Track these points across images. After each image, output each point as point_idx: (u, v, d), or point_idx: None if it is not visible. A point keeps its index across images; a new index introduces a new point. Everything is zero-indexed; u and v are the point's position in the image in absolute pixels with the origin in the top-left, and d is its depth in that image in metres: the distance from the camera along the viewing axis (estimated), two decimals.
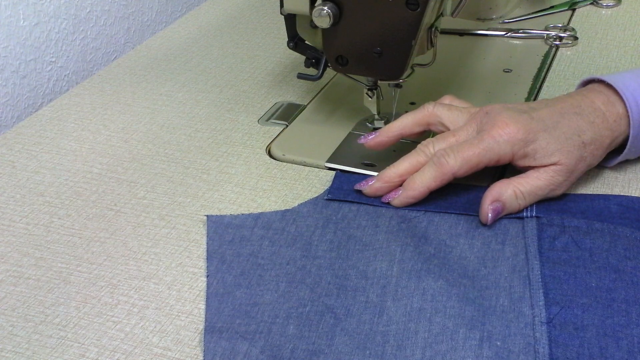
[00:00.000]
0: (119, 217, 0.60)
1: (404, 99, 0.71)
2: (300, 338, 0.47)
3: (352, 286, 0.50)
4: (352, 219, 0.56)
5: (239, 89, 0.78)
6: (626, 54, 0.79)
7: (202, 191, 0.62)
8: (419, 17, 0.58)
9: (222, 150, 0.68)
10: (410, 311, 0.48)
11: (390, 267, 0.51)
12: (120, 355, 0.47)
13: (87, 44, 0.91)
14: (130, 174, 0.65)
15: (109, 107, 0.76)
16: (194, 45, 0.89)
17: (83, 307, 0.51)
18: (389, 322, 0.47)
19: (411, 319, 0.47)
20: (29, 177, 0.66)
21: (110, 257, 0.56)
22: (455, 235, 0.54)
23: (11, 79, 0.81)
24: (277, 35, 0.89)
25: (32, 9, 0.82)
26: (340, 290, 0.50)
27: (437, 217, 0.56)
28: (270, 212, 0.58)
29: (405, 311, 0.48)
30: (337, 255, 0.53)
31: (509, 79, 0.76)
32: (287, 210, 0.58)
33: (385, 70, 0.62)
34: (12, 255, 0.57)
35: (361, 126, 0.69)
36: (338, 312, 0.48)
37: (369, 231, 0.55)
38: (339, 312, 0.48)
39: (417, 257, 0.52)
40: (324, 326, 0.47)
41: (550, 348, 0.45)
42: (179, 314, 0.50)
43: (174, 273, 0.54)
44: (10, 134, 0.73)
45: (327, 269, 0.52)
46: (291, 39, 0.65)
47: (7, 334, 0.50)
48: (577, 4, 0.90)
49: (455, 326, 0.46)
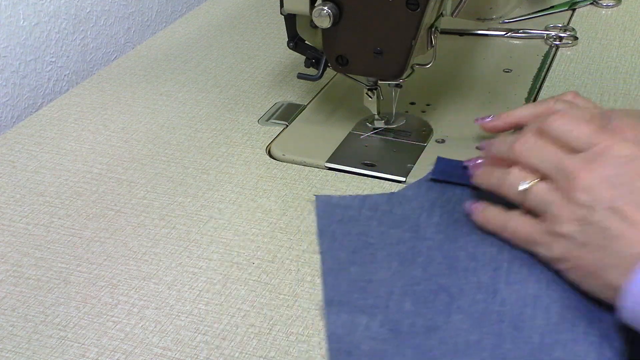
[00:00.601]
0: (119, 217, 0.60)
1: (404, 99, 0.71)
2: (417, 314, 0.47)
3: (462, 267, 0.50)
4: (457, 202, 0.56)
5: (239, 89, 0.78)
6: (626, 54, 0.79)
7: (202, 191, 0.62)
8: (419, 17, 0.58)
9: (222, 150, 0.68)
10: (525, 297, 0.47)
11: (501, 252, 0.50)
12: (120, 355, 0.47)
13: (87, 44, 0.91)
14: (130, 174, 0.65)
15: (109, 107, 0.76)
16: (194, 45, 0.89)
17: (83, 307, 0.51)
18: (503, 303, 0.47)
19: (527, 304, 0.46)
20: (29, 177, 0.66)
21: (110, 257, 0.56)
22: None
23: (11, 79, 0.81)
24: (277, 35, 0.89)
25: (32, 9, 0.82)
26: (452, 271, 0.50)
27: None
28: (376, 195, 0.59)
29: (519, 296, 0.47)
30: (445, 237, 0.53)
31: (509, 79, 0.76)
32: (393, 194, 0.58)
33: (385, 70, 0.62)
34: (12, 255, 0.57)
35: (361, 126, 0.69)
36: (452, 290, 0.48)
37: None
38: (452, 291, 0.48)
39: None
40: (439, 304, 0.48)
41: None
42: (179, 314, 0.50)
43: (174, 273, 0.54)
44: (10, 134, 0.73)
45: (436, 249, 0.52)
46: (291, 39, 0.65)
47: (7, 334, 0.50)
48: (577, 4, 0.90)
49: (574, 318, 0.45)
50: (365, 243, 0.54)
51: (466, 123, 0.68)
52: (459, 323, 0.46)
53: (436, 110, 0.71)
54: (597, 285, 0.45)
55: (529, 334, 0.45)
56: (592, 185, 0.45)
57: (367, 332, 0.46)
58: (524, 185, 0.49)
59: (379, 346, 0.45)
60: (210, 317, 0.50)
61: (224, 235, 0.57)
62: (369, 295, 0.49)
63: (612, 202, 0.44)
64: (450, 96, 0.73)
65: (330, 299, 0.49)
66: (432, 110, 0.71)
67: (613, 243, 0.43)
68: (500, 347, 0.44)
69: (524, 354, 0.44)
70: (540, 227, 0.47)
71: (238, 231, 0.57)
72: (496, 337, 0.45)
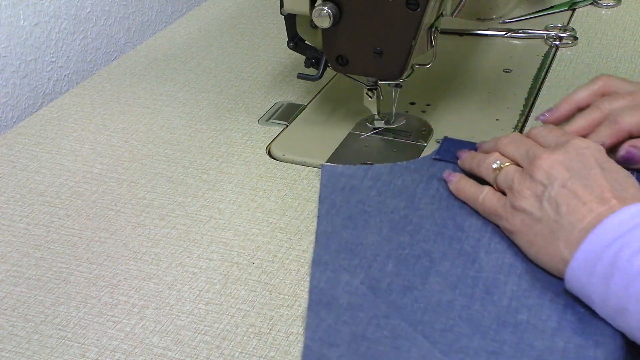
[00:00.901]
0: (119, 217, 0.60)
1: (404, 99, 0.71)
2: (397, 275, 0.51)
3: (449, 235, 0.54)
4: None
5: (239, 89, 0.78)
6: (626, 54, 0.79)
7: (202, 191, 0.62)
8: (419, 17, 0.58)
9: (222, 150, 0.68)
10: (501, 264, 0.51)
11: (485, 225, 0.54)
12: (120, 355, 0.47)
13: (87, 44, 0.91)
14: (130, 174, 0.65)
15: (109, 107, 0.76)
16: (194, 45, 0.89)
17: (83, 307, 0.51)
18: (480, 270, 0.51)
19: (502, 271, 0.50)
20: (29, 177, 0.66)
21: (110, 257, 0.56)
22: None
23: (11, 79, 0.81)
24: (277, 35, 0.89)
25: (32, 9, 0.82)
26: (438, 237, 0.54)
27: None
28: (379, 165, 0.61)
29: (497, 264, 0.51)
30: (438, 207, 0.57)
31: (509, 79, 0.76)
32: (396, 164, 0.61)
33: (385, 70, 0.62)
34: (12, 255, 0.57)
35: (361, 126, 0.69)
36: (434, 256, 0.52)
37: None
38: (434, 256, 0.52)
39: None
40: (419, 267, 0.51)
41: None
42: (179, 314, 0.50)
43: (174, 273, 0.54)
44: (11, 134, 0.73)
45: (427, 218, 0.56)
46: (291, 39, 0.65)
47: (7, 334, 0.50)
48: (577, 4, 0.90)
49: (543, 288, 0.48)
50: (362, 210, 0.57)
51: (466, 123, 0.68)
52: (435, 285, 0.50)
53: (436, 110, 0.71)
54: (548, 257, 0.49)
55: (499, 298, 0.48)
56: (551, 166, 0.50)
57: (347, 287, 0.50)
58: (496, 164, 0.55)
59: (356, 300, 0.49)
60: (210, 317, 0.50)
61: (224, 235, 0.57)
62: (355, 257, 0.53)
63: (565, 181, 0.49)
64: (450, 96, 0.73)
65: (319, 258, 0.53)
66: (432, 110, 0.71)
67: (564, 218, 0.48)
68: (470, 309, 0.48)
69: (491, 315, 0.47)
70: (504, 202, 0.53)
71: (238, 231, 0.57)
72: (467, 299, 0.48)
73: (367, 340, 0.46)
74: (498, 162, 0.55)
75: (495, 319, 0.47)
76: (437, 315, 0.47)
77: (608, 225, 0.46)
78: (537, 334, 0.46)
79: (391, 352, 0.45)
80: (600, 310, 0.45)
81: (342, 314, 0.48)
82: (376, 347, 0.46)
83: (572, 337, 0.45)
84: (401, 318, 0.48)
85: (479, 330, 0.46)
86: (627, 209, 0.46)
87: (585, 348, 0.44)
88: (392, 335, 0.46)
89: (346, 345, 0.46)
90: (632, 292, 0.43)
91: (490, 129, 0.67)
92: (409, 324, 0.47)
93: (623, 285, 0.43)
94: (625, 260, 0.43)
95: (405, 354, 0.45)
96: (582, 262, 0.45)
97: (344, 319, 0.48)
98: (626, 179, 0.50)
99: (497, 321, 0.47)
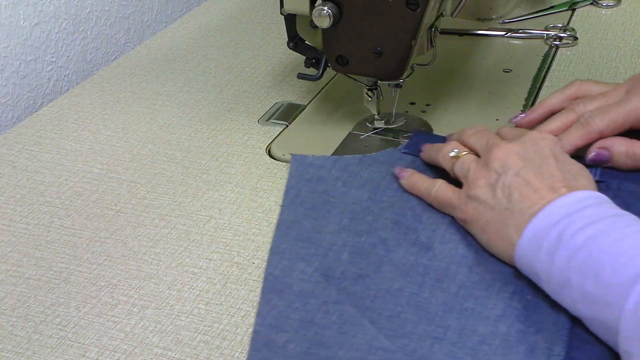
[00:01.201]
0: (119, 217, 0.60)
1: (404, 99, 0.71)
2: (351, 263, 0.52)
3: (406, 224, 0.55)
4: (422, 171, 0.59)
5: (239, 89, 0.78)
6: (626, 54, 0.79)
7: (202, 191, 0.62)
8: (419, 17, 0.58)
9: (222, 150, 0.68)
10: (454, 255, 0.52)
11: (443, 217, 0.55)
12: (120, 355, 0.47)
13: (87, 44, 0.91)
14: (130, 174, 0.65)
15: (109, 107, 0.76)
16: (194, 45, 0.89)
17: (83, 307, 0.51)
18: (433, 259, 0.52)
19: (453, 261, 0.51)
20: (29, 177, 0.66)
21: (110, 257, 0.56)
22: None
23: (11, 79, 0.81)
24: (277, 35, 0.89)
25: (32, 9, 0.82)
26: (395, 226, 0.55)
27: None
28: (349, 156, 0.62)
29: (450, 254, 0.52)
30: (400, 199, 0.57)
31: (509, 79, 0.76)
32: (365, 156, 0.62)
33: (385, 70, 0.62)
34: (12, 255, 0.57)
35: (361, 126, 0.69)
36: (389, 244, 0.53)
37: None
38: (389, 245, 0.53)
39: None
40: (374, 256, 0.52)
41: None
42: (179, 314, 0.50)
43: (174, 273, 0.54)
44: (11, 134, 0.73)
45: (387, 208, 0.56)
46: (291, 39, 0.65)
47: (7, 334, 0.50)
48: (577, 4, 0.90)
49: (492, 279, 0.50)
50: (325, 201, 0.58)
51: (466, 123, 0.68)
52: (387, 273, 0.51)
53: (436, 110, 0.71)
54: (500, 243, 0.50)
55: (448, 286, 0.50)
56: (506, 155, 0.52)
57: (301, 275, 0.51)
58: (453, 152, 0.56)
59: (308, 287, 0.50)
60: (210, 317, 0.50)
61: (224, 235, 0.57)
62: (313, 245, 0.54)
63: (519, 170, 0.50)
64: (450, 96, 0.73)
65: (277, 247, 0.54)
66: (432, 110, 0.71)
67: (516, 205, 0.49)
68: (419, 296, 0.49)
69: (438, 302, 0.48)
70: (459, 193, 0.54)
71: (238, 231, 0.57)
72: (417, 287, 0.50)
73: (315, 326, 0.47)
74: (456, 150, 0.56)
75: (442, 305, 0.48)
76: (385, 302, 0.49)
77: (556, 206, 0.47)
78: (482, 320, 0.47)
79: (337, 337, 0.47)
80: (546, 287, 0.46)
81: (294, 301, 0.49)
82: (323, 332, 0.47)
83: (514, 323, 0.46)
84: (350, 304, 0.49)
85: (425, 316, 0.48)
86: (576, 194, 0.48)
87: (526, 334, 0.46)
88: (340, 321, 0.48)
89: (294, 331, 0.47)
90: (574, 264, 0.44)
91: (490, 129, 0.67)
92: (358, 310, 0.48)
93: (566, 258, 0.44)
94: (570, 235, 0.45)
95: (351, 338, 0.46)
96: (529, 239, 0.47)
97: (295, 305, 0.49)
98: (579, 170, 0.51)
99: (443, 308, 0.48)
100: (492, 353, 0.45)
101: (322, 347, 0.46)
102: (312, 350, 0.46)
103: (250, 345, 0.47)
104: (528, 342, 0.45)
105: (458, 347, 0.45)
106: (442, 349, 0.45)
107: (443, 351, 0.45)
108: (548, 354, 0.44)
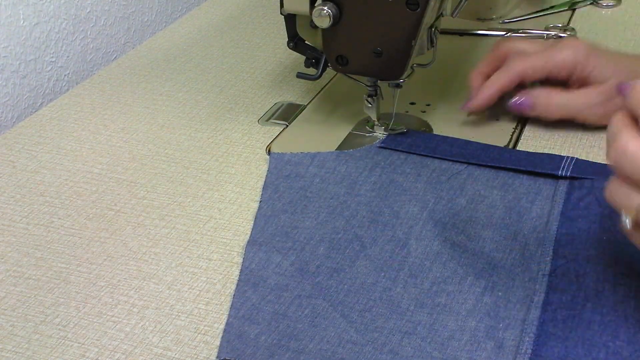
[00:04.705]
0: (119, 217, 0.60)
1: (404, 99, 0.71)
2: (327, 257, 0.53)
3: (383, 221, 0.56)
4: (399, 165, 0.61)
5: (239, 89, 0.78)
6: None
7: (202, 191, 0.62)
8: (419, 17, 0.58)
9: (222, 150, 0.68)
10: (428, 251, 0.53)
11: (421, 213, 0.56)
12: (120, 355, 0.47)
13: (87, 44, 0.91)
14: (130, 174, 0.65)
15: (109, 107, 0.76)
16: (194, 45, 0.89)
17: (83, 307, 0.51)
18: (408, 255, 0.53)
19: (428, 258, 0.52)
20: (29, 177, 0.66)
21: (110, 257, 0.56)
22: (490, 187, 0.58)
23: (11, 79, 0.81)
24: (277, 35, 0.89)
25: (32, 9, 0.82)
26: (372, 224, 0.55)
27: (478, 170, 0.60)
28: (326, 152, 0.64)
29: (424, 251, 0.53)
30: (377, 195, 0.58)
31: None
32: (342, 152, 0.64)
33: (385, 70, 0.62)
34: (12, 255, 0.57)
35: (361, 126, 0.69)
36: (365, 241, 0.54)
37: (411, 178, 0.60)
38: (365, 241, 0.54)
39: (447, 210, 0.56)
40: (350, 251, 0.53)
41: (547, 295, 0.48)
42: (179, 314, 0.50)
43: (174, 273, 0.54)
44: (10, 134, 0.73)
45: (364, 205, 0.57)
46: (291, 39, 0.65)
47: (7, 334, 0.50)
48: (577, 4, 0.90)
49: (465, 274, 0.50)
50: (303, 196, 0.59)
51: (466, 123, 0.68)
52: (362, 268, 0.52)
53: (436, 110, 0.71)
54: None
55: (421, 282, 0.50)
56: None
57: (277, 269, 0.52)
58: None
59: (283, 281, 0.51)
60: (210, 317, 0.50)
61: (224, 235, 0.57)
62: (289, 239, 0.55)
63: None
64: (450, 96, 0.73)
65: (254, 239, 0.55)
66: (432, 110, 0.71)
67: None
68: (391, 291, 0.50)
69: (411, 297, 0.49)
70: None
71: (238, 231, 0.57)
72: (390, 282, 0.51)
73: (287, 319, 0.48)
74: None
75: (414, 300, 0.49)
76: (358, 297, 0.50)
77: None
78: (452, 316, 0.48)
79: (309, 330, 0.47)
80: None
81: (268, 294, 0.50)
82: (295, 325, 0.48)
83: (484, 318, 0.47)
84: (324, 298, 0.50)
85: (396, 311, 0.48)
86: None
87: (495, 329, 0.46)
88: (312, 314, 0.49)
89: (267, 323, 0.48)
90: None
91: (490, 129, 0.67)
92: (330, 304, 0.49)
93: None
94: None
95: (322, 332, 0.47)
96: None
97: (269, 298, 0.50)
98: None
99: (415, 303, 0.49)
100: (460, 348, 0.45)
101: (293, 339, 0.47)
102: (282, 342, 0.47)
103: (222, 337, 0.47)
104: (496, 338, 0.46)
105: (427, 342, 0.46)
106: (411, 343, 0.46)
107: (412, 346, 0.46)
108: (515, 350, 0.45)
